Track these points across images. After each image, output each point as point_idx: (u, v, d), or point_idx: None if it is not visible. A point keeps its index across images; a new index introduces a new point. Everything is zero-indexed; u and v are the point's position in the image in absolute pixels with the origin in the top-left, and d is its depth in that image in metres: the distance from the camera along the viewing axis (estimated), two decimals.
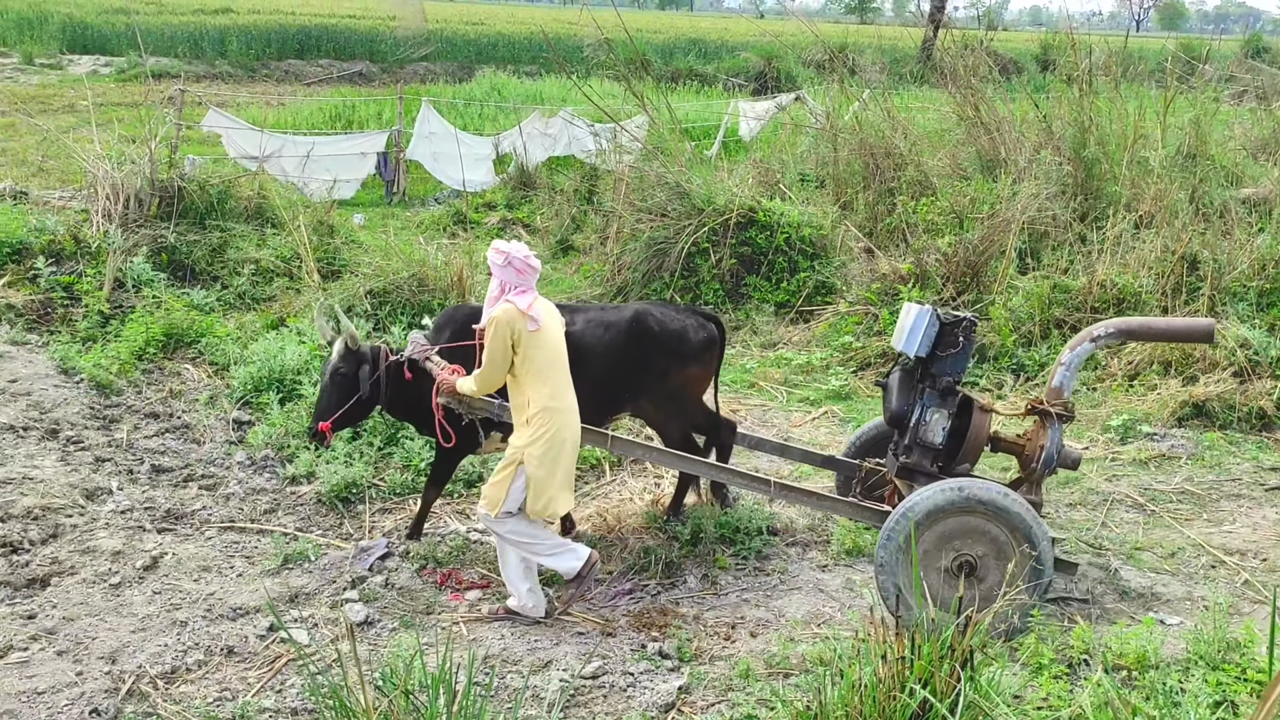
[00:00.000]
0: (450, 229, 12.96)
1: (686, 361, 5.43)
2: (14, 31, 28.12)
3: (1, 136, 16.52)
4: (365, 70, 30.01)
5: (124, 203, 9.82)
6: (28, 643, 4.46)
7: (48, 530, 5.45)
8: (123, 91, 21.08)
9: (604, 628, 4.60)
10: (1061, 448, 4.89)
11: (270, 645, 4.45)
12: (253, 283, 9.39)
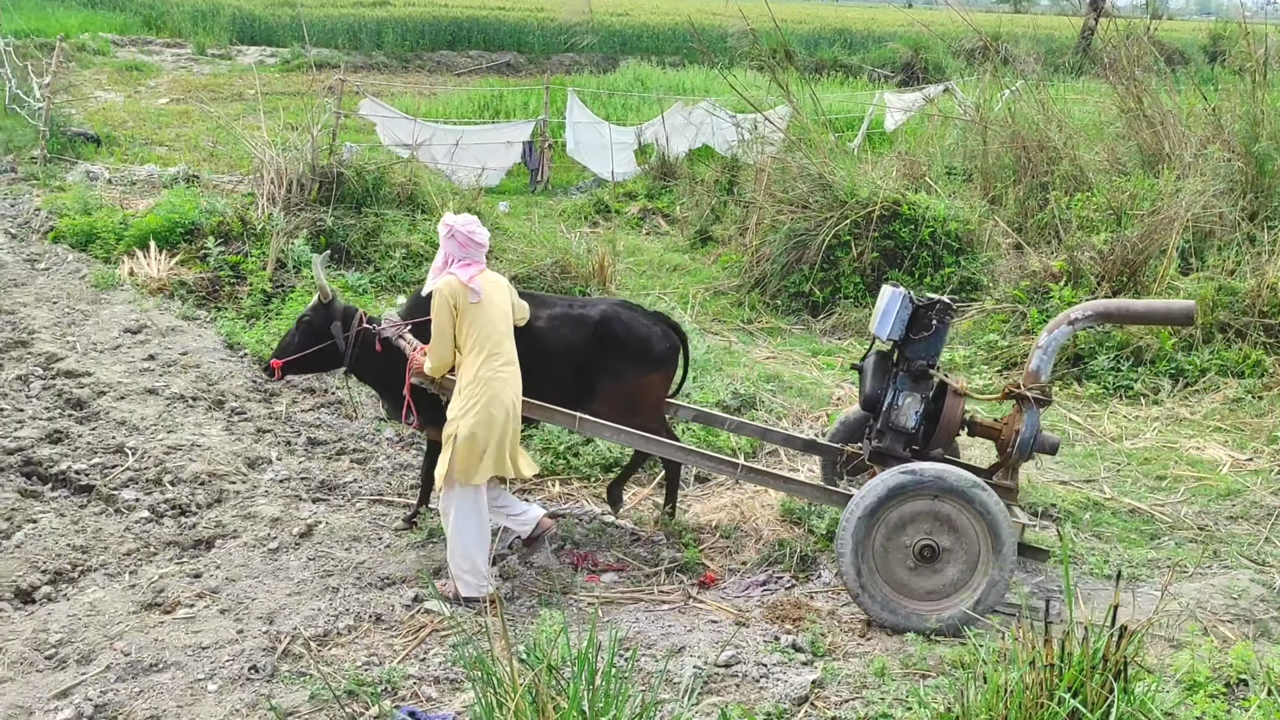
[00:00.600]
0: (592, 218, 13.15)
1: (647, 368, 5.38)
2: (189, 23, 29.75)
3: (177, 123, 17.51)
4: (513, 61, 30.60)
5: (287, 187, 10.31)
6: (194, 600, 4.75)
7: (213, 495, 5.79)
8: (286, 81, 22.06)
9: (737, 617, 4.61)
10: (1038, 433, 4.79)
11: (415, 615, 4.62)
12: (403, 266, 9.71)
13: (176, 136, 16.39)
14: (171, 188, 11.73)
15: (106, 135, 15.24)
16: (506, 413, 4.70)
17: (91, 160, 13.69)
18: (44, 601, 4.73)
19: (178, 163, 13.77)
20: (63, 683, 4.08)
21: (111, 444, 6.25)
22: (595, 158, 15.76)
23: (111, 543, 5.22)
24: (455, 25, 32.32)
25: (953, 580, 4.51)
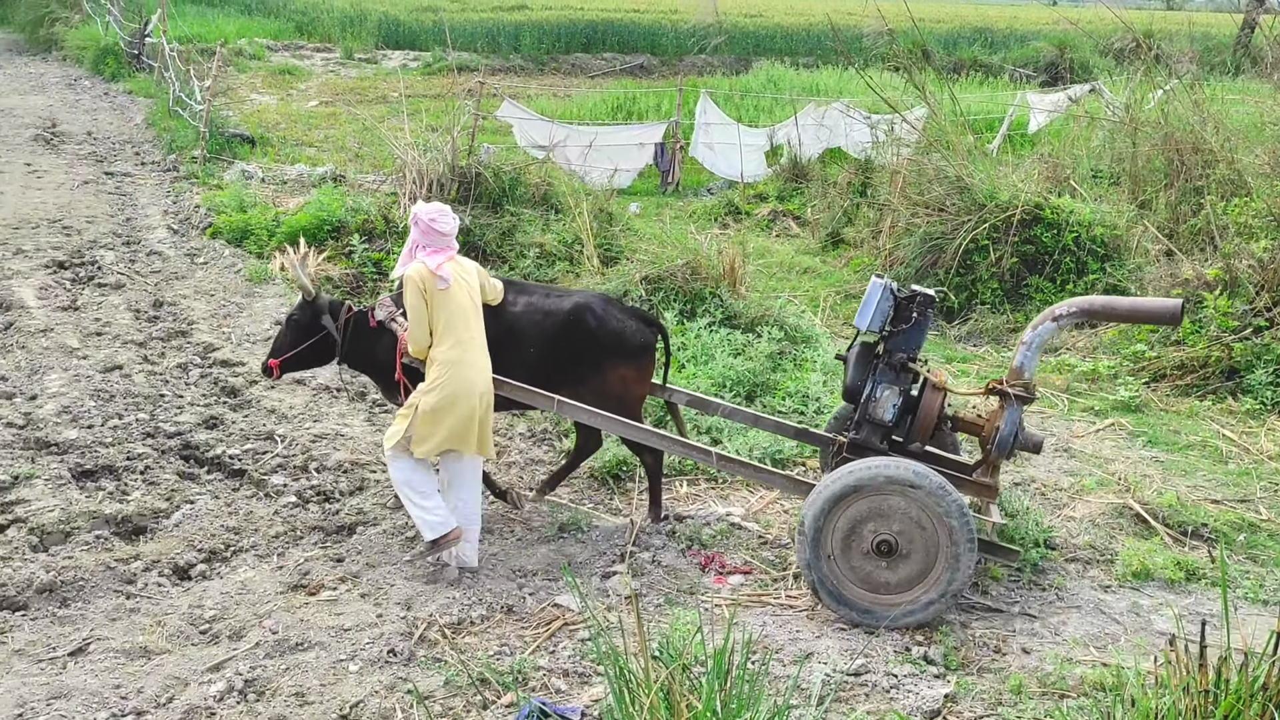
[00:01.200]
0: (722, 219, 13.14)
1: (618, 361, 5.40)
2: (337, 29, 30.94)
3: (325, 125, 18.23)
4: (646, 63, 30.82)
5: (428, 187, 10.63)
6: (336, 583, 4.94)
7: (355, 483, 6.01)
8: (428, 84, 22.72)
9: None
10: (1020, 430, 4.72)
11: (546, 608, 4.71)
12: (537, 265, 9.90)
13: (325, 138, 17.06)
14: (320, 187, 12.23)
15: (260, 136, 15.98)
16: (471, 392, 4.85)
17: (247, 160, 14.38)
18: (199, 579, 4.99)
19: (325, 163, 14.34)
20: (215, 657, 4.30)
21: (262, 431, 6.56)
22: (726, 159, 15.75)
23: (261, 525, 5.47)
24: (590, 28, 32.74)
25: (911, 576, 4.50)
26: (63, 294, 8.92)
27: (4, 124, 16.64)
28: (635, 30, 33.20)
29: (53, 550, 5.09)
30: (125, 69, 22.27)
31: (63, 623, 4.57)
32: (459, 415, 4.82)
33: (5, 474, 5.72)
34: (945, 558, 4.42)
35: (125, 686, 4.07)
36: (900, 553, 4.48)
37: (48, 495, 5.55)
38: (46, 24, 28.35)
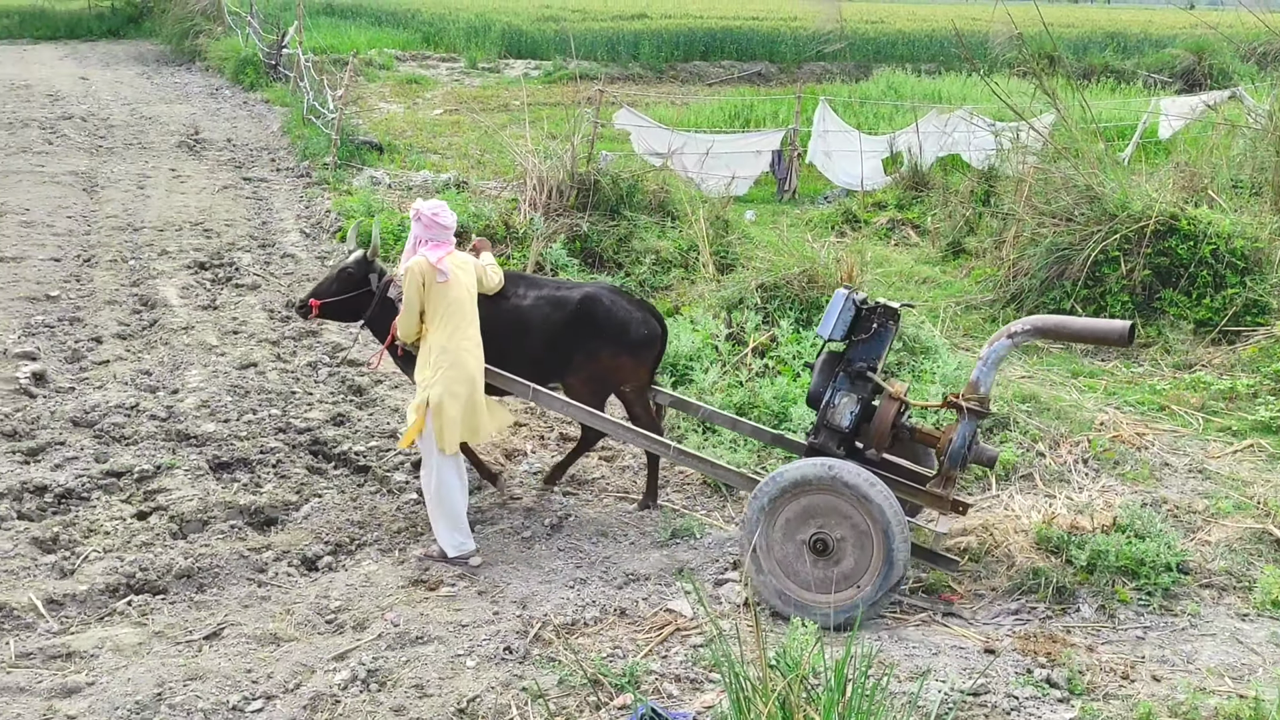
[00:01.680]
0: (839, 227, 12.99)
1: (620, 350, 5.65)
2: (462, 39, 31.70)
3: (449, 132, 18.69)
4: (764, 70, 30.71)
5: (547, 194, 10.80)
6: (455, 580, 5.07)
7: (473, 483, 6.13)
8: (548, 92, 23.08)
9: (986, 645, 4.44)
10: (973, 444, 4.86)
11: (658, 612, 4.74)
12: (652, 271, 9.96)
13: (448, 145, 17.49)
14: (443, 193, 12.54)
15: (388, 143, 16.48)
16: (470, 380, 5.17)
17: (375, 166, 14.85)
18: (325, 570, 5.18)
19: (449, 169, 14.70)
20: (340, 646, 4.45)
21: (386, 429, 6.77)
22: (843, 167, 15.58)
23: (384, 520, 5.65)
24: (709, 36, 32.80)
25: (844, 575, 4.64)
26: (203, 294, 9.37)
27: (151, 131, 17.54)
28: (754, 38, 33.12)
29: (191, 538, 5.35)
30: (263, 79, 23.23)
31: (199, 607, 4.80)
32: (466, 401, 5.13)
33: (149, 463, 6.04)
34: (878, 560, 4.55)
35: (256, 671, 4.25)
36: (834, 551, 4.64)
37: (187, 485, 5.84)
38: (191, 36, 29.78)
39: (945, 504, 4.91)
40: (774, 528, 4.71)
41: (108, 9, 39.26)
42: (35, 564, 4.99)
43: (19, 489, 5.66)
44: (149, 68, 27.65)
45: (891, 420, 5.00)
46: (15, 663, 4.29)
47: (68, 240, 10.92)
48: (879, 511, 4.51)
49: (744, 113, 19.97)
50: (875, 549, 4.55)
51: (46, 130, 17.19)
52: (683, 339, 7.85)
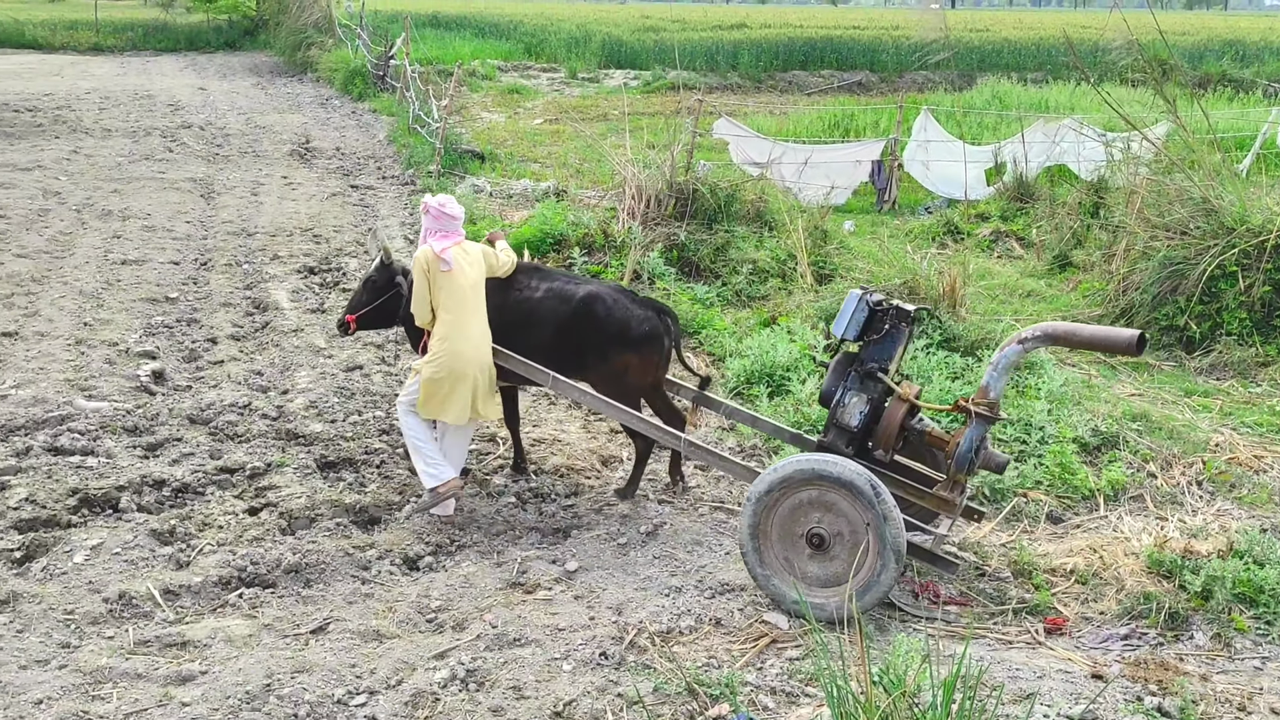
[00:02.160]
0: (940, 239, 12.78)
1: (625, 348, 5.77)
2: (563, 49, 32.14)
3: (549, 142, 18.93)
4: (865, 80, 30.42)
5: (645, 203, 10.87)
6: (551, 584, 5.12)
7: (571, 487, 6.21)
8: (647, 102, 23.22)
9: (1094, 670, 4.31)
10: (982, 449, 4.87)
11: (754, 623, 4.71)
12: (749, 281, 9.93)
13: (548, 154, 17.72)
14: (543, 201, 12.71)
15: (490, 152, 16.77)
16: (466, 363, 5.50)
17: (477, 175, 15.13)
18: (426, 570, 5.29)
19: (549, 178, 14.90)
20: (440, 645, 4.54)
21: (486, 433, 6.88)
22: (945, 177, 15.33)
23: (483, 523, 5.74)
24: (809, 45, 32.63)
25: (840, 571, 4.66)
26: (312, 297, 9.66)
27: (265, 140, 18.17)
28: (854, 47, 32.83)
29: (299, 534, 5.52)
30: (371, 89, 23.88)
31: (306, 602, 4.94)
32: (452, 387, 5.50)
33: (260, 461, 6.25)
34: (873, 558, 4.55)
35: (360, 666, 4.36)
36: (830, 547, 4.67)
37: (295, 483, 6.02)
38: (304, 48, 30.76)
39: (952, 508, 4.94)
40: (772, 521, 4.76)
41: (225, 22, 40.83)
42: (154, 555, 5.20)
43: (139, 482, 5.91)
44: (263, 79, 28.65)
45: (900, 422, 5.03)
46: (134, 649, 4.47)
47: (186, 244, 11.38)
48: (871, 509, 4.52)
49: (844, 122, 19.80)
50: (870, 546, 4.56)
51: (167, 139, 17.94)
52: (779, 349, 7.82)
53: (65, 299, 9.20)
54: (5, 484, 5.83)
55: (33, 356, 7.80)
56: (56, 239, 11.23)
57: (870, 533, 4.54)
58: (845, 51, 32.78)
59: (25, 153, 16.16)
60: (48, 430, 6.54)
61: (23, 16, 41.42)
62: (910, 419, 5.10)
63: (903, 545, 4.50)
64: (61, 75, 28.19)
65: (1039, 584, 5.07)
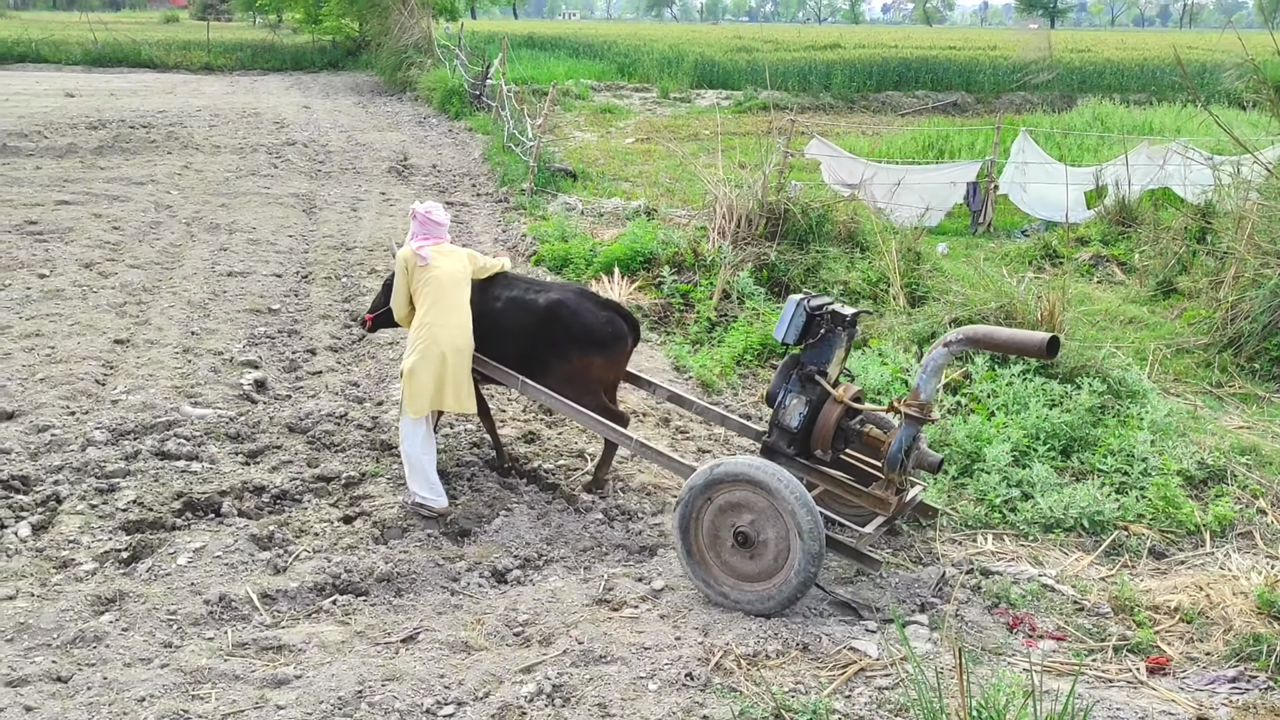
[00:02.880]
0: (1037, 262, 12.50)
1: (588, 350, 6.07)
2: (655, 69, 32.39)
3: (640, 161, 19.06)
4: (960, 101, 30.00)
5: (736, 222, 10.86)
6: (638, 602, 5.12)
7: (657, 505, 6.21)
8: (738, 122, 23.24)
9: (1199, 713, 4.15)
10: (914, 449, 5.08)
11: (842, 650, 4.64)
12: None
13: (639, 173, 17.83)
14: (633, 220, 12.79)
15: (581, 171, 16.96)
16: (442, 353, 5.75)
17: (569, 193, 15.30)
18: (514, 584, 5.33)
19: (639, 197, 14.99)
20: (527, 659, 4.57)
21: (574, 449, 6.93)
22: (1043, 200, 15.00)
23: (571, 538, 5.77)
24: (903, 66, 32.31)
25: (765, 569, 4.89)
26: None
27: (365, 157, 18.65)
28: (950, 68, 32.41)
29: (391, 543, 5.62)
30: (467, 108, 24.36)
31: (397, 611, 5.03)
32: (434, 369, 5.73)
33: (355, 470, 6.39)
34: (794, 555, 4.76)
35: (448, 677, 4.41)
36: (755, 545, 4.89)
37: (388, 493, 6.14)
38: (404, 68, 31.56)
39: (886, 506, 5.14)
40: (703, 518, 5.02)
41: (329, 43, 42.10)
42: (253, 559, 5.35)
43: (240, 488, 6.09)
44: (364, 98, 29.43)
45: (835, 422, 5.29)
46: (232, 651, 4.60)
47: (288, 257, 11.72)
48: (789, 509, 4.73)
49: (938, 143, 19.55)
50: (791, 545, 4.77)
51: (272, 155, 18.53)
52: (871, 372, 7.72)
53: (174, 308, 9.55)
54: (115, 486, 6.07)
55: (143, 363, 8.11)
56: (167, 250, 11.68)
57: (790, 532, 4.76)
58: (940, 72, 32.38)
59: (140, 167, 16.85)
60: (156, 435, 6.79)
61: (140, 37, 43.32)
62: (849, 419, 5.34)
63: (817, 544, 4.72)
64: (175, 93, 29.36)
65: (1141, 621, 4.90)
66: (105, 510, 5.78)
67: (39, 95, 27.51)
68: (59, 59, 39.66)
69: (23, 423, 6.87)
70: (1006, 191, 15.31)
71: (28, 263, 10.84)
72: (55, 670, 4.37)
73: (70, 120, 21.62)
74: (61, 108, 24.33)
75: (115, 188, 15.11)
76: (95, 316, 9.18)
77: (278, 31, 51.84)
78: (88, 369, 7.86)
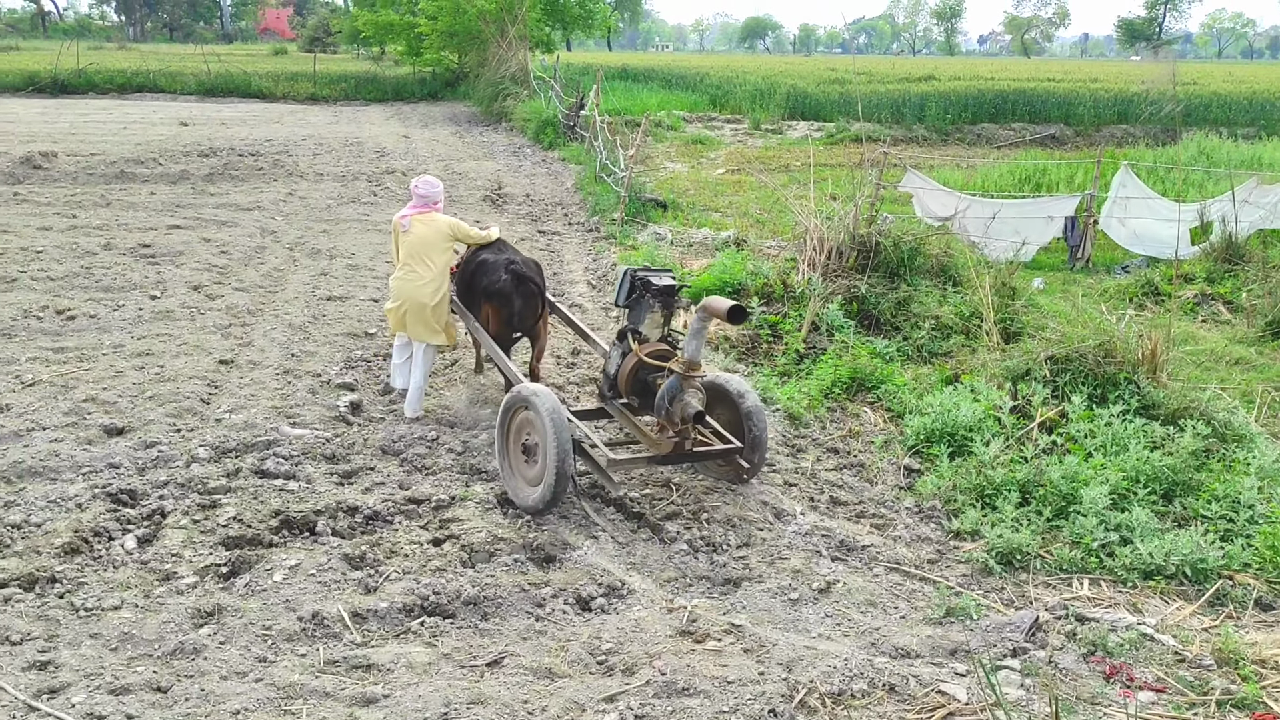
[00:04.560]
0: (1139, 300, 12.17)
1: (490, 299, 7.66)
2: (748, 101, 32.49)
3: (730, 191, 19.10)
4: (1059, 134, 29.43)
5: (826, 254, 10.80)
6: (721, 634, 5.10)
7: (743, 538, 6.18)
8: (830, 153, 23.14)
9: None
10: (676, 399, 6.24)
11: (930, 693, 4.55)
12: (931, 337, 9.70)
13: (729, 204, 17.87)
14: (723, 250, 12.82)
15: (672, 201, 17.06)
16: (401, 300, 7.71)
17: (658, 223, 15.41)
18: (598, 612, 5.35)
19: (729, 228, 15.02)
20: (610, 688, 4.58)
21: (659, 479, 6.94)
22: (1144, 235, 14.60)
23: (655, 568, 5.78)
24: (1000, 98, 31.84)
25: (537, 475, 6.21)
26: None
27: (461, 185, 19.05)
28: (1050, 100, 31.84)
29: (479, 567, 5.69)
30: (561, 138, 24.74)
31: (482, 634, 5.09)
32: (396, 310, 7.77)
33: (445, 494, 6.50)
34: (550, 463, 6.00)
35: (532, 703, 4.45)
36: (534, 454, 6.24)
37: (477, 517, 6.23)
38: (500, 99, 32.23)
39: (659, 446, 6.36)
40: (508, 435, 6.52)
41: (429, 74, 43.20)
42: (345, 578, 5.47)
43: (334, 508, 6.24)
44: (461, 127, 30.11)
45: (630, 372, 6.68)
46: (324, 668, 4.71)
47: (385, 283, 12.01)
48: (544, 424, 6.04)
49: (1035, 177, 19.20)
50: (546, 452, 6.03)
51: (372, 183, 19.06)
52: (962, 408, 7.59)
53: (276, 331, 9.87)
54: (217, 502, 6.28)
55: (245, 384, 8.39)
56: (271, 274, 12.08)
57: (548, 443, 5.99)
58: (1039, 104, 31.82)
59: (247, 194, 17.49)
60: (256, 454, 7.01)
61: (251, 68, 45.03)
62: (645, 372, 6.64)
63: (564, 458, 5.97)
64: (281, 123, 30.42)
65: (1246, 675, 4.70)
66: (207, 525, 5.98)
67: (155, 124, 28.77)
68: (175, 89, 41.46)
69: (132, 438, 7.16)
70: (1105, 227, 14.94)
71: (140, 284, 11.31)
72: (155, 680, 4.52)
73: (184, 148, 22.56)
74: (176, 136, 25.40)
75: (224, 213, 15.70)
76: (202, 337, 9.54)
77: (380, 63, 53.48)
78: (194, 388, 8.16)
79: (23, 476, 6.51)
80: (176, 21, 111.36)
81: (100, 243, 13.28)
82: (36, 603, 5.15)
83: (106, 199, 16.52)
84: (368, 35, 47.56)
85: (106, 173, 18.90)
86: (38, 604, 5.14)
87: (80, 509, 6.11)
